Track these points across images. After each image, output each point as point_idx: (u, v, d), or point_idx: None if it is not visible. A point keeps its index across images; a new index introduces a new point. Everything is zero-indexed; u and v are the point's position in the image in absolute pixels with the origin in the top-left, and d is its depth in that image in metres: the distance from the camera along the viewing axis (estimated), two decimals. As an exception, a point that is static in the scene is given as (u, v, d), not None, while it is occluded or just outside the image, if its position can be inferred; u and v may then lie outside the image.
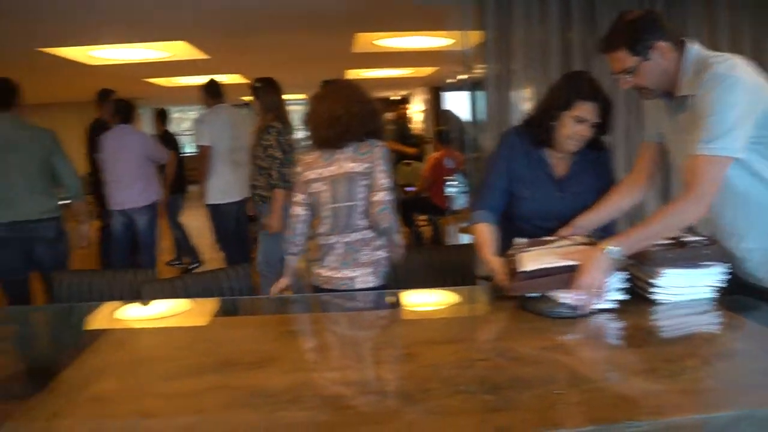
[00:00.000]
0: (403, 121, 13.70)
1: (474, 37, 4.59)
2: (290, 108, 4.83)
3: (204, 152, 5.26)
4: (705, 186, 1.95)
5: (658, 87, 2.13)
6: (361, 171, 2.60)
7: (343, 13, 5.70)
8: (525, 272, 2.05)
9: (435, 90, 14.52)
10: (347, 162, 2.61)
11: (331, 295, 2.62)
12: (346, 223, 2.63)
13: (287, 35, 7.00)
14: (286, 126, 4.40)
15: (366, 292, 2.60)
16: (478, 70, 4.74)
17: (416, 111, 16.03)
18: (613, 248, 1.99)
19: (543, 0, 4.34)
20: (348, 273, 2.63)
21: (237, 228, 5.43)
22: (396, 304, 2.44)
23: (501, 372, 1.63)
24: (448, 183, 7.15)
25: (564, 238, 2.29)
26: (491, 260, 2.29)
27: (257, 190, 4.48)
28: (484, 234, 2.42)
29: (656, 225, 2.05)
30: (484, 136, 4.55)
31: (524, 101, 4.48)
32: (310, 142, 2.71)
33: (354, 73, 10.92)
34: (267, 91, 4.47)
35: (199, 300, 2.52)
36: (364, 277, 2.64)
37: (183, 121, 20.95)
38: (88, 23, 5.72)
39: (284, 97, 4.64)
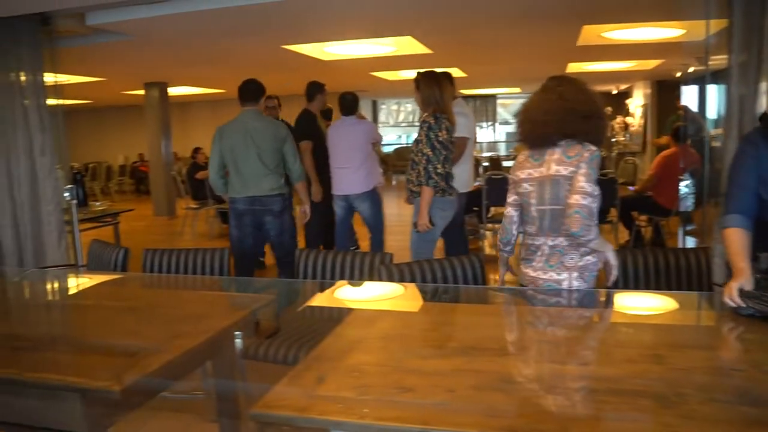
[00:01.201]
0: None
1: (715, 25, 4.28)
2: (504, 102, 4.71)
3: (462, 143, 5.09)
4: None
5: None
6: (567, 174, 2.48)
7: (574, 5, 5.59)
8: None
9: (657, 84, 13.69)
10: (555, 165, 2.50)
11: (563, 291, 2.57)
12: (552, 226, 2.55)
13: (511, 29, 7.01)
14: (440, 122, 4.10)
15: (594, 291, 2.53)
16: (716, 61, 4.41)
17: (636, 106, 15.23)
18: None
19: (803, -18, 3.93)
20: (554, 275, 2.54)
21: (460, 218, 5.45)
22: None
23: (760, 385, 1.53)
24: (681, 183, 6.70)
25: None
26: (743, 269, 2.11)
27: (409, 185, 4.32)
28: (737, 240, 2.22)
29: None
30: (724, 134, 4.22)
31: (774, 95, 4.10)
32: (519, 140, 2.65)
33: (576, 67, 10.64)
34: (427, 84, 4.28)
35: (428, 285, 2.63)
36: (570, 282, 2.53)
37: (400, 113, 21.73)
38: (324, 22, 6.19)
39: (492, 91, 4.49)
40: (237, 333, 2.47)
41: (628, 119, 15.37)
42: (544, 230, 2.55)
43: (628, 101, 16.10)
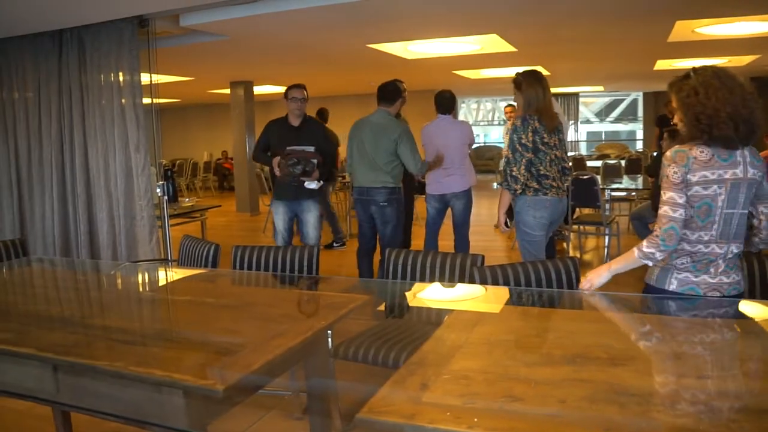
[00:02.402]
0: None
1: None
2: (586, 100, 4.50)
3: None
4: None
5: None
6: (756, 179, 2.34)
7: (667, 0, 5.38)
8: None
9: (753, 80, 13.04)
10: (749, 167, 2.32)
11: (681, 299, 2.43)
12: (737, 232, 2.37)
13: (600, 26, 6.80)
14: (526, 124, 3.95)
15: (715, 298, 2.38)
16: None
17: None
18: None
19: None
20: (736, 278, 2.38)
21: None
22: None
23: None
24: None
25: None
26: None
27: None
28: None
29: None
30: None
31: None
32: (697, 137, 2.33)
33: (664, 64, 10.26)
34: (530, 84, 4.07)
35: (525, 289, 2.56)
36: (740, 284, 2.41)
37: (479, 111, 21.50)
38: (410, 21, 6.16)
39: (575, 89, 4.31)
40: (328, 332, 2.47)
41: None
42: (729, 236, 2.36)
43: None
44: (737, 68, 11.40)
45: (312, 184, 5.01)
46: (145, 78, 5.25)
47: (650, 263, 2.41)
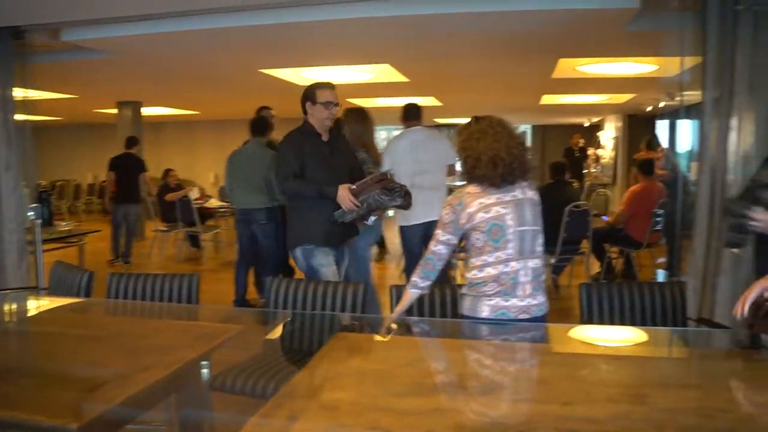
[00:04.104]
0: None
1: (688, 61, 4.35)
2: None
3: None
4: None
5: None
6: (536, 200, 2.63)
7: (551, 39, 5.66)
8: None
9: (629, 117, 13.92)
10: (526, 190, 2.61)
11: (533, 325, 2.54)
12: (532, 248, 2.57)
13: (489, 61, 7.06)
14: (369, 155, 4.42)
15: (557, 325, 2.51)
16: (689, 97, 4.47)
17: (607, 138, 15.45)
18: None
19: (775, 19, 4.00)
20: (541, 299, 2.57)
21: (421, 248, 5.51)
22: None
23: (745, 426, 1.51)
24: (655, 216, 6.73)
25: None
26: None
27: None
28: None
29: None
30: (698, 168, 4.26)
31: (746, 130, 4.15)
32: (467, 178, 2.62)
33: (550, 99, 10.77)
34: (353, 120, 4.54)
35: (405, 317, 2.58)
36: (545, 305, 2.60)
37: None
38: (303, 48, 6.16)
39: (467, 120, 4.52)
40: (204, 363, 2.38)
41: (600, 151, 15.56)
42: (525, 253, 2.54)
43: (599, 134, 16.33)
44: (616, 105, 12.17)
45: (372, 219, 3.90)
46: (19, 93, 4.96)
47: (418, 291, 2.65)
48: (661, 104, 10.42)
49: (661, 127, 11.05)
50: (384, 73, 7.60)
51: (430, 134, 5.57)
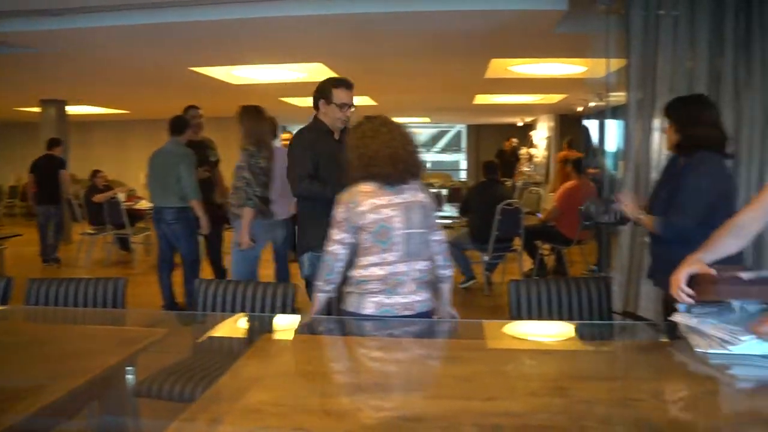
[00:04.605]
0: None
1: (615, 63, 4.48)
2: (414, 131, 4.84)
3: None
4: None
5: None
6: (428, 204, 2.68)
7: (482, 39, 5.74)
8: (742, 279, 1.93)
9: (560, 117, 14.27)
10: (417, 192, 2.65)
11: (474, 321, 2.58)
12: (418, 251, 2.61)
13: (421, 61, 7.11)
14: (261, 150, 4.49)
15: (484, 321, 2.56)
16: (616, 98, 4.61)
17: (540, 138, 15.80)
18: None
19: (692, 26, 4.15)
20: (425, 295, 2.63)
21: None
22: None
23: (659, 414, 1.56)
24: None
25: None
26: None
27: (232, 208, 4.62)
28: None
29: None
30: (623, 166, 4.39)
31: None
32: (360, 176, 2.61)
33: (483, 99, 10.92)
34: (249, 117, 4.63)
35: (326, 317, 2.56)
36: (430, 301, 2.66)
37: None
38: (233, 45, 6.06)
39: (402, 120, 4.61)
40: (129, 368, 2.31)
41: (533, 150, 15.90)
42: (412, 255, 2.58)
43: (532, 133, 16.68)
44: (548, 105, 12.46)
45: None
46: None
47: (324, 294, 2.65)
48: (591, 104, 10.74)
49: (589, 127, 11.41)
50: (317, 72, 7.56)
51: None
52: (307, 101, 3.75)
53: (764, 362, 1.85)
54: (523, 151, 15.59)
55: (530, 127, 17.18)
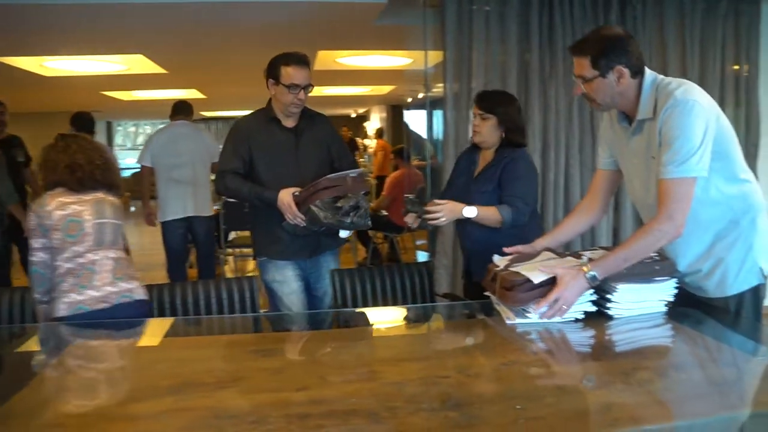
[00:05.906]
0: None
1: (434, 56, 4.66)
2: None
3: (142, 172, 5.48)
4: (678, 206, 2.01)
5: (608, 105, 2.21)
6: (119, 205, 2.75)
7: (308, 31, 5.74)
8: (533, 283, 2.07)
9: (392, 108, 14.66)
10: (108, 195, 2.73)
11: (293, 313, 2.60)
12: (111, 240, 2.64)
13: (247, 53, 6.98)
14: None
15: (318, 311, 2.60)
16: (437, 89, 4.80)
17: (373, 128, 16.15)
18: (594, 273, 2.05)
19: (503, 21, 4.42)
20: (124, 286, 2.57)
21: (184, 245, 5.57)
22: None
23: (463, 388, 1.66)
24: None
25: (550, 251, 2.34)
26: None
27: None
28: None
29: (634, 247, 2.10)
30: (443, 154, 4.59)
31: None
32: (46, 185, 2.69)
33: (315, 91, 10.92)
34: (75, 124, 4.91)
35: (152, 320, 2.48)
36: (138, 290, 2.62)
37: (138, 135, 20.70)
38: (42, 33, 5.61)
39: (235, 113, 4.67)
40: None
41: (366, 141, 16.21)
42: (105, 243, 2.60)
43: (365, 124, 17.00)
44: (379, 96, 12.73)
45: (347, 232, 3.13)
46: None
47: (46, 306, 2.60)
48: (420, 96, 11.12)
49: (409, 118, 11.83)
50: (138, 63, 7.21)
51: (193, 129, 5.57)
52: (131, 95, 3.58)
53: (566, 327, 2.04)
54: (358, 142, 15.84)
55: (363, 118, 17.49)
